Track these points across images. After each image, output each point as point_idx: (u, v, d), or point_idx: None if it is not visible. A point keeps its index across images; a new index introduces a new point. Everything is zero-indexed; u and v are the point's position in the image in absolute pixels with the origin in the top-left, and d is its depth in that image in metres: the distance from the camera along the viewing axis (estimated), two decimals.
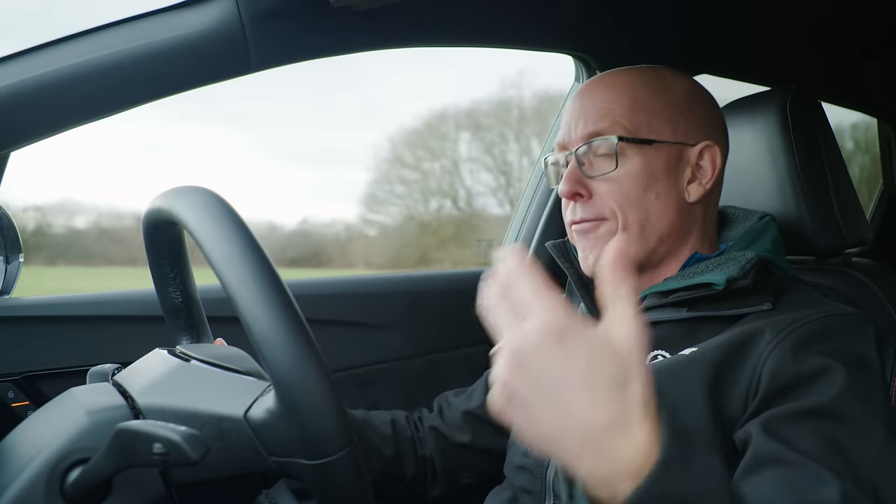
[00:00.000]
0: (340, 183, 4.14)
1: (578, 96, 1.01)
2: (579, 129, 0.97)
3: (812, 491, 0.68)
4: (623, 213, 0.94)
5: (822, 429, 0.74)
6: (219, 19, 0.98)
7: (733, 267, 0.90)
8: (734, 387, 0.82)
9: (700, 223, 0.99)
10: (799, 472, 0.71)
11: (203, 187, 0.65)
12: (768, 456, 0.74)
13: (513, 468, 1.07)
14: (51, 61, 0.92)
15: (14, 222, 1.15)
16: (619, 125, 0.94)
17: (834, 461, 0.71)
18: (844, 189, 1.11)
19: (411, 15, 1.16)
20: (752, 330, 0.85)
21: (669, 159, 0.96)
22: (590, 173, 0.96)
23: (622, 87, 0.97)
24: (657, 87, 0.98)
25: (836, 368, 0.78)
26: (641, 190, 0.94)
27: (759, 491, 0.71)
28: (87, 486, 0.59)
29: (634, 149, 0.94)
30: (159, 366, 0.72)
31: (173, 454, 0.54)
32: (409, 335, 1.53)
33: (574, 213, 0.98)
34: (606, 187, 0.95)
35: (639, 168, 0.94)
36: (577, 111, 0.99)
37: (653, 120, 0.95)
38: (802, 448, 0.72)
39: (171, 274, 0.80)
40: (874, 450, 0.74)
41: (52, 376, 1.17)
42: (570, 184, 0.96)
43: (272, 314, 0.57)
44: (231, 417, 0.62)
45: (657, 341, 0.92)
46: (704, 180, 0.98)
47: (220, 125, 3.94)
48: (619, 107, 0.96)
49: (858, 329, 0.85)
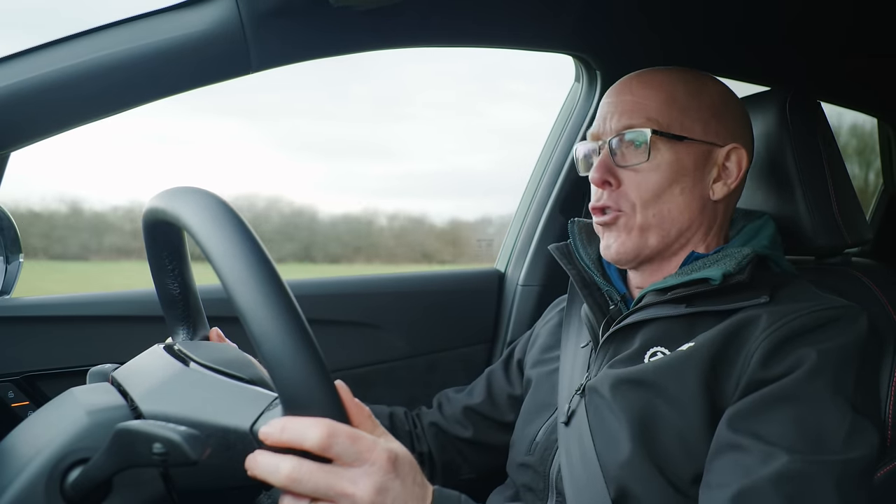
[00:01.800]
0: (352, 174, 4.12)
1: (615, 90, 1.04)
2: (614, 121, 1.00)
3: (757, 468, 0.76)
4: (644, 208, 0.97)
5: (785, 411, 0.79)
6: (219, 19, 0.98)
7: (730, 263, 0.92)
8: (728, 378, 0.85)
9: (719, 220, 1.02)
10: (749, 454, 0.78)
11: (203, 189, 0.65)
12: (726, 442, 0.81)
13: (515, 466, 1.07)
14: (51, 61, 0.92)
15: (14, 222, 1.14)
16: (654, 120, 0.97)
17: (791, 440, 0.77)
18: (844, 189, 1.11)
19: (412, 15, 1.16)
20: (746, 319, 0.88)
21: (698, 157, 0.98)
22: (621, 163, 0.99)
23: (659, 85, 1.00)
24: (694, 88, 1.01)
25: (812, 356, 0.82)
26: (668, 183, 0.97)
27: (716, 476, 0.80)
28: (87, 486, 0.59)
29: (666, 143, 0.97)
30: (160, 368, 0.71)
31: (173, 454, 0.54)
32: (409, 335, 1.53)
33: (599, 198, 1.02)
34: (635, 178, 0.98)
35: (668, 162, 0.97)
36: (613, 105, 1.02)
37: (686, 119, 0.98)
38: (760, 432, 0.79)
39: (170, 266, 0.80)
40: (838, 430, 0.78)
41: (52, 376, 1.17)
42: (601, 172, 0.99)
43: (270, 310, 0.57)
44: (237, 430, 0.62)
45: (657, 338, 0.93)
46: (729, 181, 1.00)
47: (233, 117, 3.93)
48: (654, 102, 0.99)
49: (851, 320, 0.87)
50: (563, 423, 0.99)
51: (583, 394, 0.98)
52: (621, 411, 0.89)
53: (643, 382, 0.89)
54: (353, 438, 0.59)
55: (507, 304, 1.64)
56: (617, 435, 0.89)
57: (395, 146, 3.98)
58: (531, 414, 1.10)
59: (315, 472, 0.58)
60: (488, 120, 4.34)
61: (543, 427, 1.05)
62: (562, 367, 1.08)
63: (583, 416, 0.95)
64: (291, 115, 4.05)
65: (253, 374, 0.71)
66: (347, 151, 3.84)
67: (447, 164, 4.17)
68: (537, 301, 1.60)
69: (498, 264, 1.73)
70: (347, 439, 0.59)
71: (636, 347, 0.94)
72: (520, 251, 1.66)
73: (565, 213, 1.60)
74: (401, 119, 4.33)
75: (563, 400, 1.03)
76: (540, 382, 1.13)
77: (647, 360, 0.92)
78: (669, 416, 0.86)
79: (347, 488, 0.58)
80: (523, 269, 1.63)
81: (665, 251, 1.00)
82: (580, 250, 1.11)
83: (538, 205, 1.63)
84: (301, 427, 0.58)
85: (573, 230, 1.13)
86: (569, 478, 0.94)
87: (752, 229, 1.02)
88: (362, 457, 0.59)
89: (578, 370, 1.03)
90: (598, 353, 1.00)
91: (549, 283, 1.61)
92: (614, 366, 0.95)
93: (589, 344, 1.04)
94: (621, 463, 0.87)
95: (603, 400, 0.93)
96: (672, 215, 0.98)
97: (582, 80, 1.56)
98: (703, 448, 0.84)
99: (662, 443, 0.86)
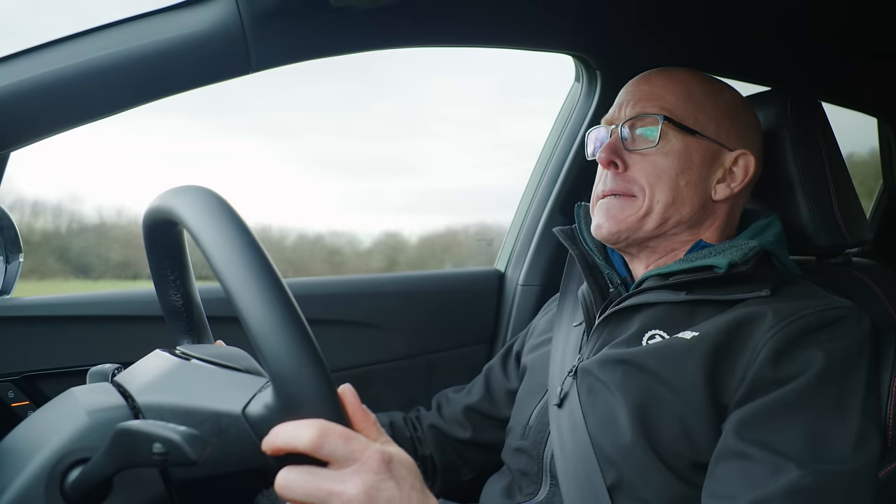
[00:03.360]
0: (374, 192, 4.09)
1: (634, 81, 1.05)
2: (629, 108, 1.02)
3: (767, 481, 0.75)
4: (651, 191, 0.98)
5: (793, 420, 0.79)
6: (219, 19, 0.98)
7: (736, 253, 0.93)
8: (731, 372, 0.85)
9: (721, 220, 1.02)
10: (758, 464, 0.77)
11: (201, 186, 0.65)
12: (733, 450, 0.79)
13: (510, 451, 1.07)
14: (51, 61, 0.92)
15: (14, 222, 1.14)
16: (668, 109, 0.99)
17: (800, 451, 0.76)
18: (844, 189, 1.11)
19: (411, 15, 1.16)
20: (751, 313, 0.88)
21: (706, 154, 0.99)
22: (630, 147, 1.00)
23: (679, 80, 1.02)
24: (712, 89, 1.02)
25: (819, 362, 0.81)
26: (674, 172, 0.98)
27: (721, 485, 0.79)
28: (87, 485, 0.59)
29: (677, 133, 0.98)
30: (159, 365, 0.72)
31: (173, 454, 0.54)
32: (408, 335, 1.53)
33: (605, 182, 1.02)
34: (642, 162, 0.99)
35: (677, 152, 0.98)
36: (631, 93, 1.03)
37: (700, 116, 0.99)
38: (769, 442, 0.78)
39: (172, 276, 0.80)
40: (847, 438, 0.78)
41: (52, 376, 1.17)
42: (608, 152, 1.00)
43: (269, 308, 0.57)
44: (229, 414, 0.62)
45: (655, 321, 0.94)
46: (734, 184, 1.01)
47: (252, 134, 3.92)
48: (672, 95, 1.00)
49: (855, 322, 0.87)
50: (555, 405, 0.99)
51: (575, 375, 0.97)
52: (621, 395, 0.89)
53: (644, 368, 0.89)
54: (346, 438, 0.59)
55: (507, 304, 1.64)
56: (616, 419, 0.89)
57: (417, 162, 3.97)
58: (525, 398, 1.10)
59: (304, 476, 0.58)
60: (506, 136, 4.34)
61: (536, 409, 1.05)
62: (553, 347, 1.08)
63: (575, 398, 0.95)
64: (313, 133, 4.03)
65: (248, 366, 0.71)
66: (368, 169, 3.82)
67: (470, 180, 4.16)
68: (537, 301, 1.60)
69: (498, 264, 1.73)
70: (340, 439, 0.58)
71: (634, 330, 0.94)
72: (520, 251, 1.66)
73: (565, 213, 1.60)
74: (421, 135, 4.32)
75: (554, 381, 1.02)
76: (534, 366, 1.13)
77: (644, 342, 0.92)
78: (670, 402, 0.86)
79: (336, 487, 0.58)
80: (523, 269, 1.63)
81: (656, 237, 1.00)
82: (584, 233, 1.11)
83: (538, 205, 1.63)
84: (294, 429, 0.58)
85: (579, 213, 1.15)
86: (561, 461, 0.94)
87: (759, 226, 1.03)
88: (353, 456, 0.59)
89: (570, 351, 1.03)
90: (592, 335, 1.00)
91: (549, 283, 1.61)
92: (612, 348, 0.95)
93: (582, 324, 1.04)
94: (621, 448, 0.87)
95: (599, 382, 0.93)
96: (675, 204, 0.98)
97: (582, 80, 1.56)
98: (702, 436, 0.84)
99: (662, 428, 0.86)
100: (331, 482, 0.58)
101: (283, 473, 0.58)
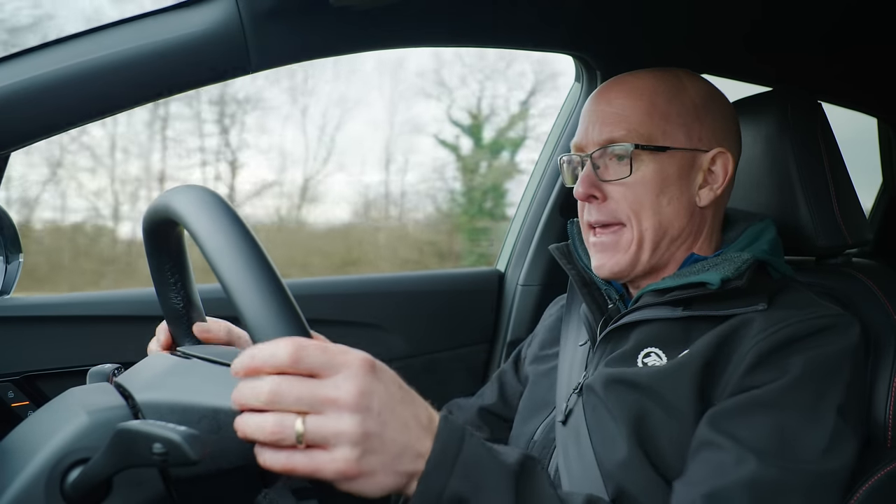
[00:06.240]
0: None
1: (596, 98, 1.02)
2: (596, 132, 0.99)
3: (731, 470, 0.77)
4: (637, 219, 0.97)
5: (765, 417, 0.80)
6: (219, 19, 0.98)
7: (729, 267, 0.91)
8: (718, 382, 0.86)
9: (708, 225, 1.01)
10: (725, 453, 0.78)
11: (199, 185, 0.66)
12: (705, 439, 0.81)
13: None
14: (51, 61, 0.92)
15: (14, 222, 1.14)
16: (635, 132, 0.96)
17: (768, 446, 0.78)
18: (844, 189, 1.11)
19: (411, 15, 1.16)
20: (740, 323, 0.88)
21: (683, 165, 0.97)
22: (605, 177, 0.98)
23: (640, 93, 0.99)
24: (674, 91, 0.99)
25: (799, 364, 0.82)
26: (654, 195, 0.96)
27: (691, 472, 0.81)
28: (87, 485, 0.59)
29: (649, 155, 0.96)
30: (158, 364, 0.72)
31: (173, 454, 0.54)
32: (409, 335, 1.53)
33: (590, 213, 1.01)
34: (621, 191, 0.97)
35: (652, 174, 0.96)
36: (595, 113, 1.01)
37: (668, 126, 0.97)
38: (738, 434, 0.79)
39: (173, 279, 0.81)
40: (818, 440, 0.79)
41: (52, 376, 1.17)
42: (585, 186, 0.98)
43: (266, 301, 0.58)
44: (226, 410, 0.63)
45: (651, 339, 0.93)
46: (716, 185, 1.00)
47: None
48: (635, 113, 0.97)
49: (842, 330, 0.87)
50: (560, 421, 0.99)
51: (580, 393, 0.98)
52: (618, 411, 0.89)
53: (637, 386, 0.89)
54: (322, 349, 0.58)
55: (507, 304, 1.64)
56: (614, 435, 0.89)
57: None
58: (529, 411, 1.10)
59: (296, 384, 0.57)
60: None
61: (542, 426, 1.05)
62: (560, 366, 1.08)
63: (580, 415, 0.95)
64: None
65: None
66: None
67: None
68: (537, 301, 1.60)
69: (498, 264, 1.73)
70: (317, 350, 0.58)
71: (630, 347, 0.94)
72: (520, 251, 1.66)
73: (565, 214, 1.60)
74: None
75: (560, 399, 1.03)
76: (537, 379, 1.13)
77: (640, 360, 0.92)
78: (665, 421, 0.86)
79: (330, 393, 0.57)
80: (523, 270, 1.63)
81: (657, 263, 1.00)
82: (579, 250, 1.11)
83: (538, 205, 1.63)
84: (269, 348, 0.57)
85: (572, 231, 1.13)
86: (566, 477, 0.94)
87: (753, 232, 1.01)
88: (336, 362, 0.59)
89: (577, 369, 1.04)
90: (596, 352, 1.00)
91: (549, 283, 1.61)
92: (609, 364, 0.95)
93: (587, 343, 1.05)
94: (618, 463, 0.87)
95: (599, 399, 0.93)
96: (664, 226, 0.97)
97: (582, 80, 1.56)
98: None
99: (658, 445, 0.86)
100: (325, 389, 0.57)
101: (271, 380, 0.57)
